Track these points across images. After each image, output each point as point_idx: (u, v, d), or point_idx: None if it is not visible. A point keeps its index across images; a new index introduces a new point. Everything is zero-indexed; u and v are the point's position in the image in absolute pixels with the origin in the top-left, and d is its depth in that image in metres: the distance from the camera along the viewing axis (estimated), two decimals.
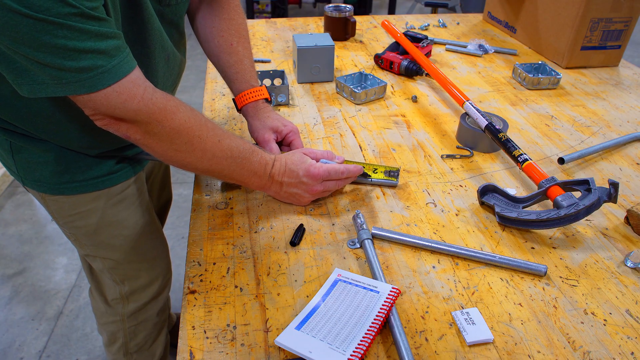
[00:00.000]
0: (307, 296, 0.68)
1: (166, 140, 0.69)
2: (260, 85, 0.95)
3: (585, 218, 0.82)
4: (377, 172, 0.90)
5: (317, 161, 0.84)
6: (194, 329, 0.63)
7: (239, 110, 0.96)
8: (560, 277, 0.72)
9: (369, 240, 0.75)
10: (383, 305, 0.63)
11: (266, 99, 0.95)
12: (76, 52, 0.57)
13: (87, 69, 0.59)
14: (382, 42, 1.58)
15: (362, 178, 0.89)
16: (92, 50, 0.58)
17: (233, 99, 0.96)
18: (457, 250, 0.74)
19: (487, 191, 0.85)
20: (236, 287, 0.69)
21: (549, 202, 0.84)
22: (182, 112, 0.69)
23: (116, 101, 0.63)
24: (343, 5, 1.56)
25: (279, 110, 1.15)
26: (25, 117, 0.76)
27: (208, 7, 0.95)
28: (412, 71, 1.32)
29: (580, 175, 0.96)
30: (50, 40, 0.55)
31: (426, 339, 0.62)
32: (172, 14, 0.83)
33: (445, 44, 1.56)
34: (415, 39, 1.41)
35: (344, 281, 0.69)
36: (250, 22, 1.61)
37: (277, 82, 1.23)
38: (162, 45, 0.81)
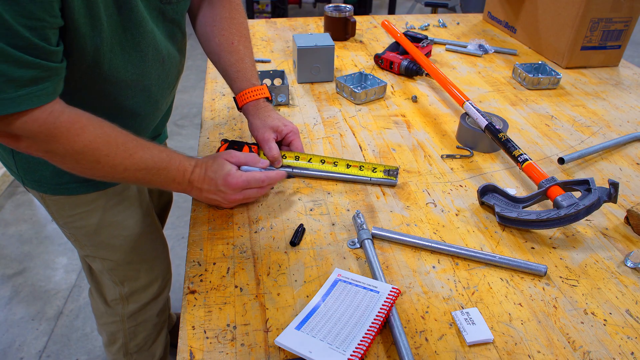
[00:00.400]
0: (307, 296, 0.68)
1: (70, 160, 0.69)
2: (261, 85, 0.95)
3: (585, 218, 0.82)
4: (376, 172, 0.90)
5: (239, 167, 0.82)
6: (194, 329, 0.63)
7: (239, 109, 0.96)
8: (560, 277, 0.72)
9: (369, 240, 0.75)
10: (383, 305, 0.63)
11: (267, 98, 0.95)
12: None
13: None
14: (382, 42, 1.58)
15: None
16: (2, 75, 0.57)
17: (234, 98, 0.96)
18: (457, 250, 0.74)
19: (487, 191, 0.85)
20: (236, 287, 0.69)
21: (549, 202, 0.84)
22: (87, 133, 0.67)
23: (17, 122, 0.61)
24: (343, 5, 1.56)
25: (279, 110, 1.15)
26: None
27: (209, 5, 0.95)
28: (412, 71, 1.32)
29: (580, 175, 0.96)
30: None
31: (426, 339, 0.62)
32: (174, 12, 0.83)
33: (445, 44, 1.56)
34: (415, 39, 1.41)
35: (344, 281, 0.69)
36: (250, 22, 1.61)
37: (277, 82, 1.23)
38: (156, 48, 0.81)
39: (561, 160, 0.96)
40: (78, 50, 0.68)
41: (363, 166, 0.90)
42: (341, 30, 1.55)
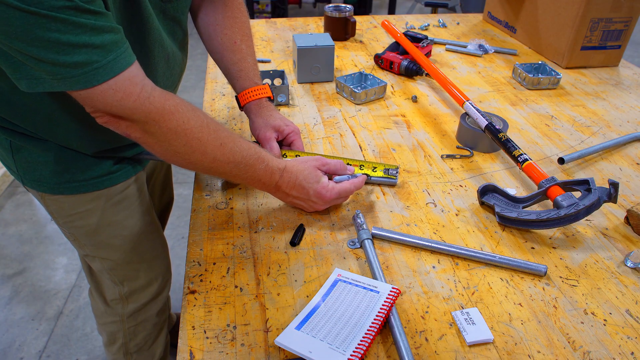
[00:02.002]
0: (307, 296, 0.68)
1: (164, 141, 0.68)
2: (263, 84, 0.95)
3: (585, 218, 0.82)
4: (376, 171, 0.90)
5: (330, 176, 0.83)
6: (194, 329, 0.63)
7: (241, 108, 0.96)
8: (560, 277, 0.72)
9: (369, 240, 0.75)
10: (383, 305, 0.63)
11: (269, 98, 0.95)
12: (70, 47, 0.56)
13: (82, 64, 0.58)
14: (382, 42, 1.58)
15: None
16: (87, 45, 0.57)
17: (235, 97, 0.96)
18: (457, 250, 0.74)
19: (487, 191, 0.85)
20: (236, 287, 0.69)
21: (549, 202, 0.84)
22: (181, 113, 0.68)
23: (112, 98, 0.62)
24: (343, 5, 1.56)
25: (279, 110, 1.15)
26: (24, 114, 0.76)
27: (211, 4, 0.95)
28: (412, 71, 1.32)
29: (580, 175, 0.96)
30: (44, 34, 0.54)
31: (426, 339, 0.62)
32: (174, 10, 0.83)
33: (445, 44, 1.56)
34: (415, 39, 1.41)
35: (344, 281, 0.69)
36: (250, 22, 1.61)
37: (277, 82, 1.23)
38: (162, 45, 0.81)
39: (561, 160, 0.96)
40: None
41: (363, 165, 0.90)
42: (341, 30, 1.55)
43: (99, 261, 1.01)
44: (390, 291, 0.66)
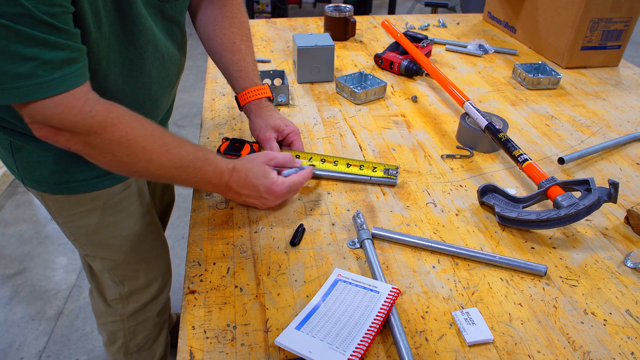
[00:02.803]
0: (307, 296, 0.68)
1: (108, 152, 0.67)
2: (263, 84, 0.95)
3: (585, 218, 0.82)
4: (376, 171, 0.90)
5: (279, 170, 0.82)
6: (194, 329, 0.63)
7: (241, 108, 0.96)
8: (560, 277, 0.72)
9: (369, 240, 0.75)
10: (383, 305, 0.63)
11: (269, 98, 0.95)
12: (17, 57, 0.55)
13: (25, 76, 0.56)
14: (382, 42, 1.58)
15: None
16: (35, 58, 0.56)
17: (235, 97, 0.96)
18: (457, 250, 0.74)
19: (487, 191, 0.85)
20: (236, 287, 0.69)
21: (549, 202, 0.84)
22: (124, 124, 0.66)
23: (53, 112, 0.60)
24: (343, 5, 1.56)
25: (279, 110, 1.15)
26: None
27: (210, 4, 0.95)
28: (412, 71, 1.32)
29: (580, 175, 0.96)
30: None
31: (426, 339, 0.62)
32: (173, 10, 0.83)
33: (445, 44, 1.56)
34: (415, 39, 1.41)
35: (344, 281, 0.69)
36: (250, 22, 1.61)
37: (277, 82, 1.23)
38: (155, 45, 0.80)
39: (561, 160, 0.96)
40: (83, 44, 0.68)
41: (363, 165, 0.90)
42: (341, 30, 1.55)
43: (99, 261, 1.02)
44: (390, 291, 0.66)
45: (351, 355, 0.57)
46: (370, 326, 0.61)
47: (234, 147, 0.89)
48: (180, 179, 0.74)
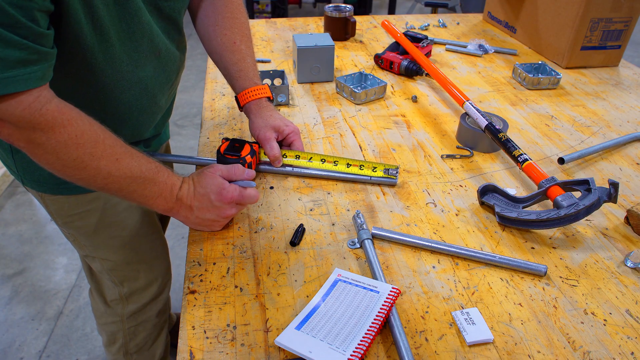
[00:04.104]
0: (307, 296, 0.68)
1: (52, 153, 0.64)
2: (263, 84, 0.95)
3: (585, 218, 0.82)
4: (376, 171, 0.90)
5: (229, 180, 0.78)
6: (194, 329, 0.63)
7: (240, 108, 0.96)
8: (560, 277, 0.72)
9: (369, 240, 0.75)
10: (383, 305, 0.63)
11: (268, 98, 0.95)
12: None
13: None
14: (382, 42, 1.58)
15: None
16: None
17: (235, 97, 0.96)
18: (457, 250, 0.74)
19: (487, 191, 0.85)
20: (236, 287, 0.69)
21: (549, 202, 0.84)
22: (74, 127, 0.64)
23: None
24: (343, 5, 1.56)
25: (279, 110, 1.15)
26: None
27: (210, 5, 0.95)
28: (412, 71, 1.32)
29: (580, 175, 0.96)
30: None
31: (426, 339, 0.62)
32: (170, 9, 0.83)
33: (445, 44, 1.56)
34: (415, 39, 1.41)
35: (344, 281, 0.69)
36: (250, 22, 1.61)
37: (277, 82, 1.23)
38: (151, 40, 0.80)
39: (561, 160, 0.96)
40: (74, 39, 0.67)
41: (363, 165, 0.90)
42: (341, 30, 1.55)
43: (99, 261, 1.02)
44: (390, 291, 0.66)
45: (351, 355, 0.57)
46: (370, 326, 0.61)
47: (234, 148, 0.89)
48: (127, 190, 0.71)
